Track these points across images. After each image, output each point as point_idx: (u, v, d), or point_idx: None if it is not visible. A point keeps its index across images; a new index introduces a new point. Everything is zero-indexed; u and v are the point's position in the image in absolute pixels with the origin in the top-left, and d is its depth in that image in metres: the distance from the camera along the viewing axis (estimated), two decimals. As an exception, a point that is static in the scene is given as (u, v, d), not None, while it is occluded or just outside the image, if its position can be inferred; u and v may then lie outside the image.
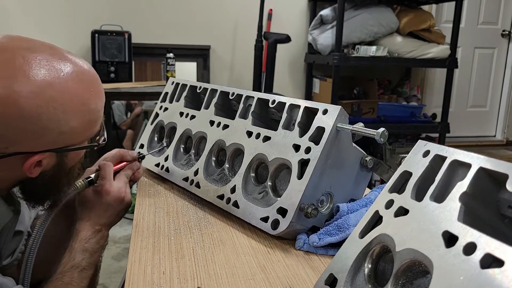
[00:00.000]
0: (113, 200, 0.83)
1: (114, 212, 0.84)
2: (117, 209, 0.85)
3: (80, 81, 0.69)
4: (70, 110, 0.66)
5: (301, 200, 0.71)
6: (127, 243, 2.31)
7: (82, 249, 0.78)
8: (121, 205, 0.85)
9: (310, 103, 0.79)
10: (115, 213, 0.85)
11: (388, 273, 0.52)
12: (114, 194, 0.84)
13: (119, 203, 0.84)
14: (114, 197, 0.84)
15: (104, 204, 0.83)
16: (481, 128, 4.46)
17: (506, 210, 0.48)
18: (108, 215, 0.84)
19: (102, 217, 0.83)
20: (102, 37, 2.99)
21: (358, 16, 3.12)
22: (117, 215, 0.85)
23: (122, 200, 0.85)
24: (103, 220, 0.83)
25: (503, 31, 4.29)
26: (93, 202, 0.83)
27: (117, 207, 0.84)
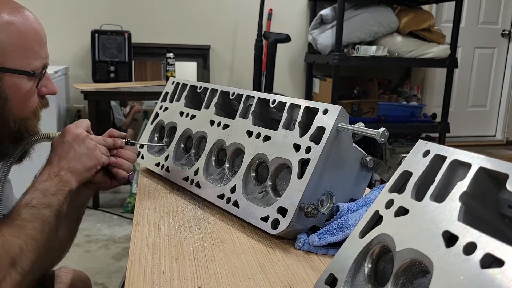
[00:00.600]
0: (72, 139, 0.81)
1: (74, 155, 0.80)
2: (78, 151, 0.80)
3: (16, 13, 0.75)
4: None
5: (301, 199, 0.71)
6: (127, 243, 2.31)
7: (34, 189, 0.75)
8: (81, 148, 0.81)
9: (311, 102, 0.79)
10: (76, 157, 0.80)
11: (388, 273, 0.52)
12: (73, 133, 0.81)
13: (78, 144, 0.81)
14: (73, 136, 0.81)
15: (64, 143, 0.81)
16: (481, 128, 4.47)
17: (506, 210, 0.48)
18: (69, 157, 0.80)
19: (61, 160, 0.80)
20: (102, 37, 2.99)
21: (358, 16, 3.12)
22: (78, 160, 0.80)
23: (82, 141, 0.81)
24: (62, 163, 0.79)
25: (503, 31, 4.29)
26: (56, 143, 0.82)
27: (77, 148, 0.80)
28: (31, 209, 0.72)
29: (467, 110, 4.37)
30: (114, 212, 2.75)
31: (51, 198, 0.75)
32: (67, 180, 0.79)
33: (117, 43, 3.02)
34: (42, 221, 0.72)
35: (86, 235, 2.40)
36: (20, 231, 0.69)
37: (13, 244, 0.67)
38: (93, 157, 0.82)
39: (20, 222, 0.70)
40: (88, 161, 0.82)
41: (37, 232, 0.71)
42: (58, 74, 2.74)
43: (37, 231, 0.71)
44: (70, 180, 0.79)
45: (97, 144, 0.84)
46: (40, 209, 0.73)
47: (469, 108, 4.38)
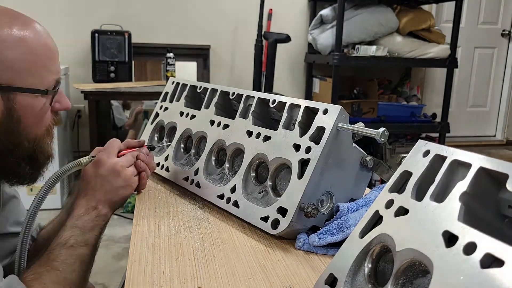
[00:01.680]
0: (107, 173, 0.79)
1: (111, 188, 0.79)
2: (114, 185, 0.80)
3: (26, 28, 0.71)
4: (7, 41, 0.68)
5: (301, 199, 0.72)
6: (127, 243, 2.31)
7: (72, 225, 0.75)
8: (118, 181, 0.80)
9: (311, 102, 0.79)
10: (113, 189, 0.79)
11: (388, 273, 0.52)
12: (109, 165, 0.80)
13: (114, 177, 0.80)
14: (109, 169, 0.79)
15: (100, 177, 0.79)
16: (481, 128, 4.47)
17: (506, 210, 0.48)
18: (104, 191, 0.79)
19: (97, 192, 0.79)
20: (102, 37, 2.99)
21: (358, 16, 3.12)
22: (115, 192, 0.80)
23: (118, 174, 0.80)
24: (99, 196, 0.79)
25: (503, 31, 4.29)
26: (89, 175, 0.80)
27: (113, 181, 0.79)
28: (69, 250, 0.72)
29: (467, 110, 4.37)
30: (114, 212, 2.74)
31: (88, 235, 0.75)
32: (104, 214, 0.79)
33: (117, 43, 3.02)
34: (80, 262, 0.72)
35: (86, 235, 2.40)
36: (60, 276, 0.69)
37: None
38: (130, 187, 0.83)
39: (59, 265, 0.70)
40: (125, 192, 0.82)
41: (75, 275, 0.71)
42: (58, 74, 2.73)
43: (75, 274, 0.71)
44: (107, 213, 0.80)
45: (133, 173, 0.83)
46: (77, 248, 0.73)
47: (469, 108, 4.38)
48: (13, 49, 0.69)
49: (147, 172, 0.89)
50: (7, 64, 0.68)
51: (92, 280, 2.08)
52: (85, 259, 0.74)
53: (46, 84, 0.74)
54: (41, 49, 0.73)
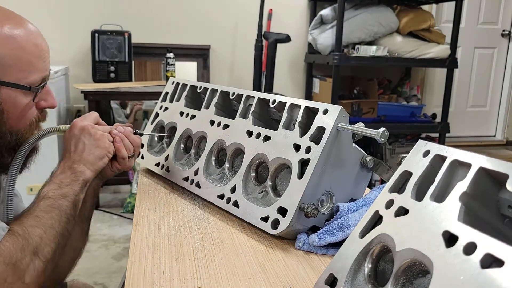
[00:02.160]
0: (79, 133, 0.83)
1: (84, 147, 0.82)
2: (86, 143, 0.83)
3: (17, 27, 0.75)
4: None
5: (301, 199, 0.72)
6: (127, 243, 2.31)
7: (50, 182, 0.78)
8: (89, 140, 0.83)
9: (311, 103, 0.79)
10: (86, 148, 0.82)
11: (388, 273, 0.52)
12: (80, 126, 0.83)
13: (86, 137, 0.83)
14: (80, 129, 0.83)
15: (73, 137, 0.83)
16: (481, 128, 4.46)
17: (506, 210, 0.48)
18: (79, 150, 0.82)
19: (72, 153, 0.82)
20: (102, 37, 2.99)
21: (358, 16, 3.12)
22: (88, 151, 0.83)
23: (89, 133, 0.83)
24: (74, 156, 0.82)
25: (503, 31, 4.29)
26: (66, 139, 0.84)
27: (85, 141, 0.83)
28: (47, 200, 0.75)
29: (467, 110, 4.37)
30: (114, 212, 2.75)
31: (66, 188, 0.78)
32: (80, 170, 0.82)
33: (117, 43, 3.02)
34: (59, 211, 0.75)
35: (86, 235, 2.40)
36: (39, 221, 0.72)
37: (33, 233, 0.70)
38: (102, 146, 0.85)
39: (38, 213, 0.73)
40: (98, 151, 0.84)
41: (54, 221, 0.74)
42: (58, 74, 2.73)
43: (54, 220, 0.74)
44: (83, 170, 0.82)
45: (104, 134, 0.86)
46: (56, 199, 0.76)
47: (469, 108, 4.38)
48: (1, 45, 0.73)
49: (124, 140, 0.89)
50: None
51: (92, 280, 2.09)
52: (64, 209, 0.76)
53: (31, 81, 0.78)
54: (30, 47, 0.77)
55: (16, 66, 0.75)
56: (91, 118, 0.88)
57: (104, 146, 0.85)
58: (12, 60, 0.74)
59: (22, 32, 0.76)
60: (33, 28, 0.79)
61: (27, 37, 0.76)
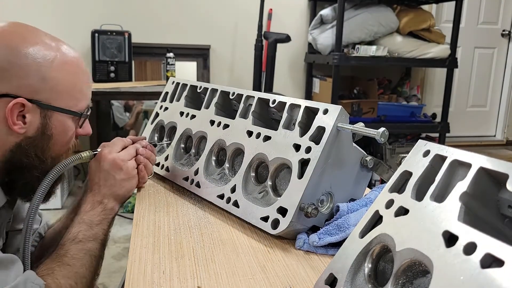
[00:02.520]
0: (109, 167, 0.81)
1: (115, 182, 0.81)
2: (117, 178, 0.82)
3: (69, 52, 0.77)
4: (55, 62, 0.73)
5: (301, 199, 0.72)
6: (127, 243, 2.31)
7: (79, 221, 0.77)
8: (120, 174, 0.82)
9: (311, 102, 0.79)
10: (116, 183, 0.81)
11: (388, 272, 0.52)
12: (110, 159, 0.82)
13: (116, 171, 0.82)
14: (110, 163, 0.82)
15: (103, 171, 0.81)
16: (481, 128, 4.46)
17: (506, 210, 0.48)
18: (109, 185, 0.81)
19: (102, 187, 0.81)
20: (102, 36, 2.99)
21: (358, 16, 3.12)
22: (119, 185, 0.82)
23: (120, 167, 0.82)
24: (104, 190, 0.81)
25: (503, 31, 4.29)
26: (93, 171, 0.83)
27: (116, 175, 0.82)
28: (78, 245, 0.74)
29: (467, 110, 4.37)
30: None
31: (96, 229, 0.77)
32: (110, 207, 0.81)
33: (117, 43, 3.02)
34: (89, 256, 0.74)
35: (86, 235, 2.40)
36: (71, 271, 0.71)
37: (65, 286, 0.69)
38: (133, 179, 0.85)
39: (69, 260, 0.72)
40: (129, 184, 0.84)
41: (86, 269, 0.73)
42: (58, 74, 2.73)
43: (85, 268, 0.73)
44: (113, 206, 0.82)
45: (134, 166, 0.85)
46: (86, 243, 0.75)
47: (469, 108, 4.38)
48: (58, 71, 0.74)
49: (148, 166, 0.90)
50: (51, 84, 0.74)
51: (92, 280, 2.06)
52: (94, 253, 0.76)
53: (80, 107, 0.78)
54: (81, 74, 0.79)
55: (69, 93, 0.76)
56: (118, 146, 0.86)
57: (135, 178, 0.85)
58: (66, 86, 0.75)
59: (74, 58, 0.77)
60: (78, 54, 0.80)
61: (78, 63, 0.78)
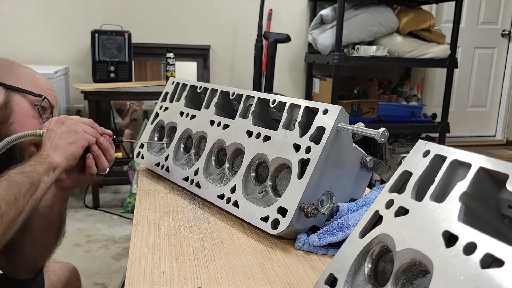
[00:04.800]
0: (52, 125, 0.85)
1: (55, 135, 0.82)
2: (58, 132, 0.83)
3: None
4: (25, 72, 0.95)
5: (301, 199, 0.72)
6: (127, 243, 2.31)
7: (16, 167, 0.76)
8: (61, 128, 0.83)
9: (311, 103, 0.79)
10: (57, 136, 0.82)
11: (388, 273, 0.52)
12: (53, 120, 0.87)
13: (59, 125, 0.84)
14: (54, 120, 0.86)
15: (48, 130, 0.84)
16: (481, 128, 4.47)
17: (506, 210, 0.48)
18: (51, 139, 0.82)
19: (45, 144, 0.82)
20: (102, 37, 2.99)
21: (358, 16, 3.12)
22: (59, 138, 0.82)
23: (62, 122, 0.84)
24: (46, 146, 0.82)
25: (503, 31, 4.29)
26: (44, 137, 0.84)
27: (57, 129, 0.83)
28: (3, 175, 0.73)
29: (467, 110, 4.37)
30: (114, 212, 2.75)
31: (27, 168, 0.75)
32: (47, 154, 0.80)
33: (117, 43, 3.02)
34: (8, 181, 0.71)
35: (86, 235, 2.40)
36: None
37: None
38: (75, 132, 0.83)
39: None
40: (68, 136, 0.82)
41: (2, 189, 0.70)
42: (58, 74, 2.74)
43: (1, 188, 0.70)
44: (51, 154, 0.80)
45: (77, 123, 0.86)
46: (11, 175, 0.73)
47: (469, 108, 4.38)
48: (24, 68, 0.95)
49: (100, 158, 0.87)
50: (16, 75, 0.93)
51: (92, 280, 2.09)
52: (17, 181, 0.72)
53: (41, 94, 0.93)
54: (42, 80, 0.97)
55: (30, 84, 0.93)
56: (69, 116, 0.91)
57: (77, 132, 0.83)
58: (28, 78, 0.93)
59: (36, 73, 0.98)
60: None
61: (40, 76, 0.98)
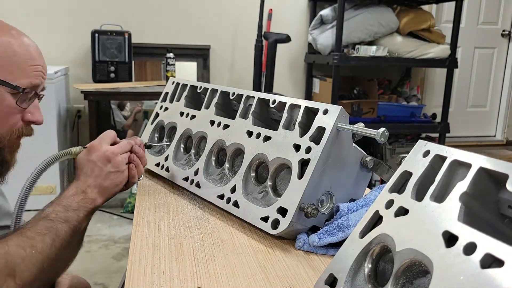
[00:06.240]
0: (97, 158, 0.81)
1: (100, 173, 0.81)
2: (104, 170, 0.81)
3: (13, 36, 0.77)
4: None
5: (301, 199, 0.72)
6: (127, 243, 2.31)
7: (57, 203, 0.76)
8: (108, 166, 0.81)
9: (311, 103, 0.79)
10: (102, 175, 0.81)
11: (388, 273, 0.52)
12: (99, 151, 0.82)
13: (105, 163, 0.81)
14: (99, 154, 0.81)
15: (91, 162, 0.81)
16: (481, 128, 4.46)
17: (506, 210, 0.48)
18: (94, 175, 0.80)
19: (88, 177, 0.80)
20: (102, 37, 2.99)
21: (358, 16, 3.12)
22: (105, 178, 0.81)
23: (109, 160, 0.81)
24: (89, 181, 0.80)
25: (503, 31, 4.29)
26: (81, 162, 0.82)
27: (104, 167, 0.81)
28: (46, 222, 0.72)
29: (467, 110, 4.37)
30: (114, 212, 2.75)
31: (71, 213, 0.75)
32: (92, 197, 0.80)
33: (117, 43, 3.02)
34: (54, 235, 0.71)
35: (86, 235, 2.38)
36: (27, 242, 0.68)
37: (15, 254, 0.66)
38: (121, 174, 0.83)
39: (31, 234, 0.69)
40: (116, 178, 0.83)
41: (45, 245, 0.69)
42: (58, 74, 2.74)
43: (46, 244, 0.70)
44: (95, 197, 0.80)
45: (123, 160, 0.84)
46: (56, 222, 0.72)
47: (469, 108, 4.38)
48: None
49: (139, 166, 0.88)
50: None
51: (92, 280, 2.09)
52: (61, 234, 0.72)
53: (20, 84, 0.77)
54: (24, 54, 0.78)
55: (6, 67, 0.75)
56: (108, 140, 0.85)
57: (123, 173, 0.84)
58: (3, 60, 0.75)
59: (19, 41, 0.78)
60: (31, 42, 0.80)
61: (22, 45, 0.78)
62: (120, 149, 0.85)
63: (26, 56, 0.78)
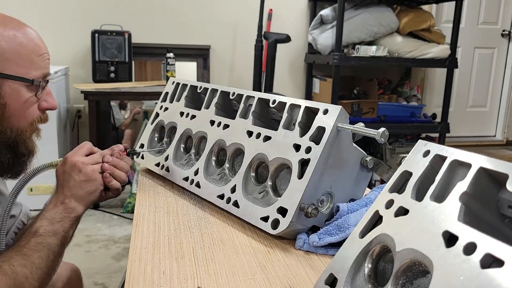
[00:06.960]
0: (70, 169, 0.84)
1: (75, 184, 0.83)
2: (77, 180, 0.83)
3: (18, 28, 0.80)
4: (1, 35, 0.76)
5: (301, 199, 0.72)
6: (127, 243, 2.31)
7: (42, 217, 0.80)
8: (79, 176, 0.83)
9: (311, 103, 0.79)
10: (76, 184, 0.83)
11: (388, 273, 0.52)
12: (71, 162, 0.84)
13: (76, 173, 0.83)
14: (71, 165, 0.84)
15: (65, 173, 0.84)
16: (481, 128, 4.46)
17: (506, 210, 0.48)
18: (70, 186, 0.83)
19: (64, 188, 0.83)
20: (102, 37, 2.99)
21: (358, 16, 3.12)
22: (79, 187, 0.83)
23: (79, 170, 0.83)
24: (66, 192, 0.83)
25: (503, 31, 4.29)
26: (58, 174, 0.85)
27: (76, 177, 0.83)
28: (38, 238, 0.77)
29: (467, 110, 4.37)
30: (114, 212, 2.75)
31: (57, 225, 0.80)
32: (71, 207, 0.83)
33: (117, 43, 3.02)
34: (48, 250, 0.77)
35: (86, 235, 2.40)
36: (27, 260, 0.74)
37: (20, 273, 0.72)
38: (93, 182, 0.85)
39: (27, 251, 0.75)
40: (88, 186, 0.85)
41: (42, 260, 0.75)
42: (58, 74, 2.74)
43: (42, 259, 0.75)
44: (74, 206, 0.83)
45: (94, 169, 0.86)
46: (46, 237, 0.77)
47: (469, 108, 4.38)
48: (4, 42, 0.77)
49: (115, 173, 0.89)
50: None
51: (92, 280, 2.09)
52: (53, 248, 0.78)
53: (33, 76, 0.80)
54: (31, 46, 0.80)
55: (17, 61, 0.78)
56: (83, 151, 0.88)
57: (95, 181, 0.85)
58: (13, 55, 0.77)
59: (23, 33, 0.80)
60: (34, 32, 0.82)
61: (27, 37, 0.80)
62: (91, 159, 0.87)
63: (32, 47, 0.80)
